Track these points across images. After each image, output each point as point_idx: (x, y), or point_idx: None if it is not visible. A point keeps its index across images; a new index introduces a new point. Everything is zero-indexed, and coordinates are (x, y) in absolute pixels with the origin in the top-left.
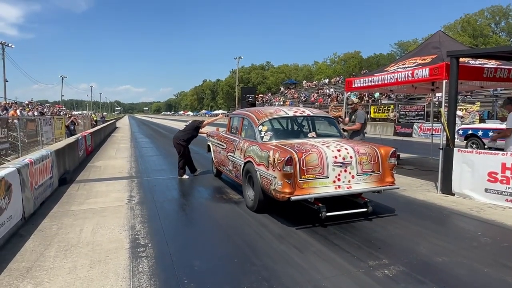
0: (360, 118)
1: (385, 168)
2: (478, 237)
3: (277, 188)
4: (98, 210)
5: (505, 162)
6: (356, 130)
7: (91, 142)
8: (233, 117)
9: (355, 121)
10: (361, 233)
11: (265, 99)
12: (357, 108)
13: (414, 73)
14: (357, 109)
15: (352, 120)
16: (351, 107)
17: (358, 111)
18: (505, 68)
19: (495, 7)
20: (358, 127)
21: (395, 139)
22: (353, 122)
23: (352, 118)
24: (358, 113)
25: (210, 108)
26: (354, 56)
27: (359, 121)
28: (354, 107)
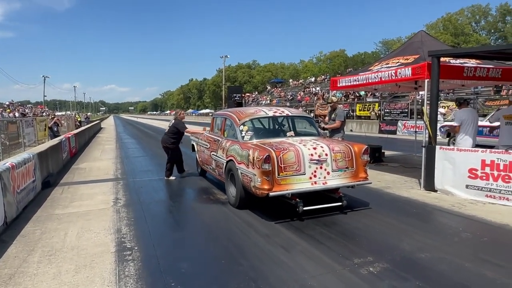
0: (340, 116)
1: (359, 164)
2: (459, 232)
3: (257, 185)
4: (83, 213)
5: (485, 159)
6: (336, 128)
7: (75, 144)
8: (216, 117)
9: (335, 119)
10: (347, 231)
11: (252, 97)
12: (336, 107)
13: (397, 72)
14: (336, 107)
15: (332, 119)
16: (330, 106)
17: (338, 109)
18: (484, 67)
19: (475, 6)
20: (338, 125)
21: (380, 137)
22: (333, 121)
23: (332, 116)
24: (337, 111)
25: (197, 108)
26: (340, 55)
27: (339, 119)
28: (333, 105)
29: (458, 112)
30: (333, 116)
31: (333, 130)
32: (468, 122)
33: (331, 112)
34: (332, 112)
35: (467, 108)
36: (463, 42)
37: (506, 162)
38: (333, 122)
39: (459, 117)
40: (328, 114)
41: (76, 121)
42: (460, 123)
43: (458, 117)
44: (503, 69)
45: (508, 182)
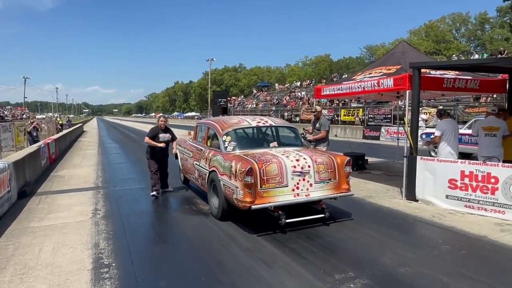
0: (325, 125)
1: (341, 176)
2: (438, 245)
3: (239, 197)
4: (60, 226)
5: (464, 170)
6: (322, 138)
7: (55, 149)
8: (200, 125)
9: (320, 129)
10: (329, 244)
11: (238, 101)
12: (320, 116)
13: (380, 82)
14: (320, 116)
15: (317, 128)
16: (314, 115)
17: (322, 118)
18: (463, 79)
19: (456, 14)
20: (324, 134)
21: (364, 142)
22: (318, 130)
23: (316, 126)
24: (322, 121)
25: (183, 110)
26: (325, 59)
27: (324, 128)
28: (317, 115)
29: (439, 123)
30: (317, 125)
31: (318, 140)
32: (449, 132)
33: (315, 122)
34: (316, 121)
35: (448, 119)
36: (444, 49)
37: (484, 173)
38: (317, 132)
39: (440, 127)
40: (312, 123)
41: (58, 124)
42: (441, 134)
43: (439, 128)
44: (481, 81)
45: (486, 193)
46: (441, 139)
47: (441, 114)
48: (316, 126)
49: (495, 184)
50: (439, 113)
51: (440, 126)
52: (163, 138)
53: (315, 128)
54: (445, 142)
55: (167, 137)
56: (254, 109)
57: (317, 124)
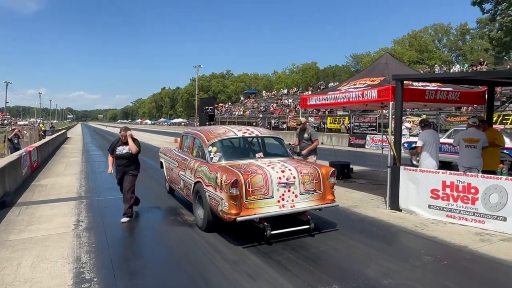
0: (315, 135)
1: (326, 187)
2: (421, 256)
3: (224, 209)
4: (40, 239)
5: (445, 180)
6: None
7: (37, 157)
8: (186, 135)
9: (311, 139)
10: (314, 256)
11: (225, 108)
12: (306, 127)
13: (364, 93)
14: (307, 127)
15: (306, 139)
16: (299, 127)
17: (310, 129)
18: (444, 90)
19: (438, 25)
20: (316, 144)
21: (350, 150)
22: (306, 141)
23: (305, 136)
24: (311, 131)
25: (169, 116)
26: (312, 67)
27: (314, 138)
28: (302, 126)
29: (421, 134)
30: (306, 136)
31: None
32: (431, 143)
33: (301, 133)
34: (302, 132)
35: (430, 130)
36: (427, 58)
37: (465, 184)
38: (307, 143)
39: (422, 138)
40: (298, 135)
41: (40, 130)
42: (423, 144)
43: (421, 138)
44: (461, 92)
45: (467, 203)
46: (423, 149)
47: (425, 125)
48: (304, 136)
49: (475, 194)
50: (423, 124)
51: (422, 137)
52: (120, 151)
53: (302, 139)
54: (427, 153)
55: (126, 150)
56: (241, 116)
57: (305, 134)
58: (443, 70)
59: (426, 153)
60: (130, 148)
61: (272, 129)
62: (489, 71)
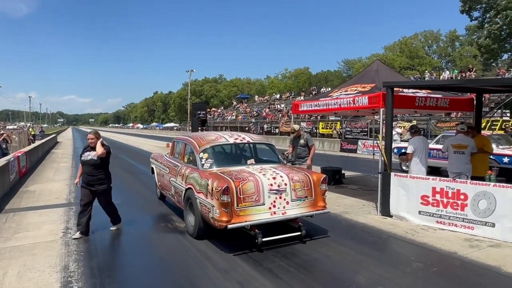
0: (311, 140)
1: (317, 193)
2: (411, 262)
3: (215, 216)
4: (28, 247)
5: (435, 187)
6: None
7: (26, 163)
8: (177, 141)
9: (307, 145)
10: (305, 263)
11: (218, 113)
12: (301, 134)
13: (355, 100)
14: (301, 134)
15: (302, 145)
16: (293, 135)
17: (305, 134)
18: (434, 97)
19: (428, 32)
20: (314, 149)
21: (342, 155)
22: (304, 147)
23: (300, 142)
24: (307, 136)
25: (162, 121)
26: (304, 72)
27: (311, 143)
28: (297, 134)
29: (411, 140)
30: (302, 142)
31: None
32: (421, 150)
33: (295, 140)
34: (297, 139)
35: (420, 136)
36: (417, 64)
37: (454, 190)
38: (302, 149)
39: (412, 144)
40: (292, 142)
41: (30, 135)
42: (413, 151)
43: (411, 145)
44: (450, 99)
45: (456, 209)
46: (413, 156)
47: (415, 131)
48: (300, 142)
49: (464, 200)
50: (414, 130)
51: (412, 143)
52: (86, 157)
53: (298, 145)
54: (417, 159)
55: (91, 156)
56: (234, 121)
57: (301, 140)
58: (433, 76)
59: (416, 160)
60: (97, 153)
61: (264, 134)
62: (477, 79)
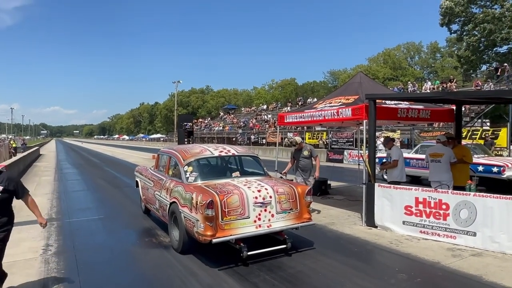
0: (315, 151)
1: (302, 205)
2: (395, 273)
3: (200, 230)
4: (6, 266)
5: (418, 197)
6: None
7: None
8: (162, 154)
9: (312, 156)
10: (290, 276)
11: (204, 124)
12: (303, 146)
13: (339, 112)
14: (303, 146)
15: (306, 157)
16: (295, 148)
17: (308, 145)
18: (415, 109)
19: (410, 43)
20: (319, 160)
21: (328, 166)
22: (308, 159)
23: (304, 154)
24: (311, 148)
25: (148, 132)
26: (290, 83)
27: (315, 154)
28: (298, 147)
29: (395, 149)
30: (306, 153)
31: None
32: (402, 158)
33: (297, 153)
34: (298, 152)
35: (397, 145)
36: (401, 75)
37: (436, 200)
38: (306, 162)
39: (397, 153)
40: (293, 155)
41: (11, 147)
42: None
43: (396, 153)
44: (432, 110)
45: (439, 218)
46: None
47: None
48: (304, 154)
49: (446, 210)
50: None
51: (397, 152)
52: None
53: (300, 158)
54: (400, 167)
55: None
56: (221, 132)
57: (305, 152)
58: (415, 87)
59: (401, 167)
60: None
61: (251, 144)
62: (455, 92)
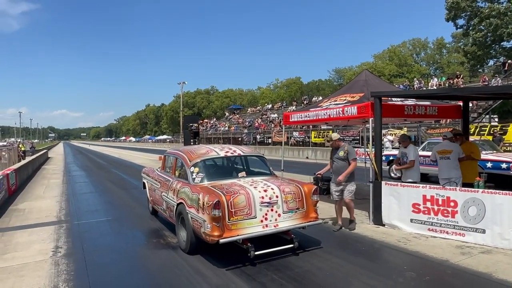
0: (353, 153)
1: (309, 204)
2: (403, 272)
3: (207, 231)
4: (16, 268)
5: (426, 194)
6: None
7: (15, 180)
8: (168, 156)
9: (348, 159)
10: (298, 276)
11: (210, 124)
12: (338, 145)
13: (345, 110)
14: (340, 145)
15: (341, 158)
16: (330, 145)
17: (347, 146)
18: (423, 105)
19: (415, 40)
20: (355, 165)
21: None
22: (343, 160)
23: (339, 155)
24: (349, 148)
25: (154, 133)
26: (295, 82)
27: (352, 157)
28: (333, 144)
29: (412, 148)
30: (341, 154)
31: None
32: (417, 157)
33: (334, 151)
34: (335, 150)
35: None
36: (406, 72)
37: (444, 197)
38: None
39: (414, 153)
40: (331, 153)
41: (20, 151)
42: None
43: (414, 153)
44: (439, 107)
45: (447, 216)
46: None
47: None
48: (339, 155)
49: (454, 207)
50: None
51: (414, 151)
52: None
53: (334, 158)
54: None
55: None
56: (226, 132)
57: (340, 152)
58: (422, 83)
59: (416, 167)
60: None
61: (257, 144)
62: (462, 88)
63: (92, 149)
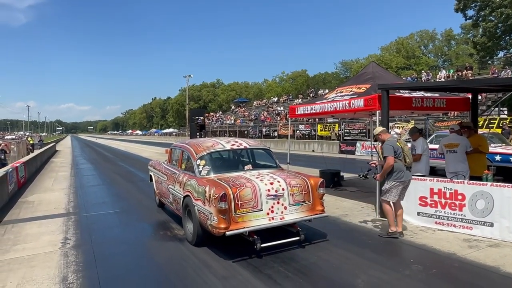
0: (387, 149)
1: (315, 197)
2: (410, 264)
3: (213, 223)
4: (27, 259)
5: (433, 188)
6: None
7: (24, 173)
8: (174, 149)
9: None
10: (304, 268)
11: (216, 117)
12: (384, 138)
13: (351, 103)
14: (384, 140)
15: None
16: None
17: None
18: (431, 98)
19: (423, 31)
20: (389, 163)
21: (340, 157)
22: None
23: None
24: (384, 146)
25: (160, 127)
26: (302, 75)
27: (386, 153)
28: (376, 138)
29: (421, 141)
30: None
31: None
32: (427, 151)
33: None
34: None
35: (422, 137)
36: (414, 64)
37: (452, 191)
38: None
39: (423, 146)
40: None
41: (28, 144)
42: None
43: (422, 146)
44: (447, 99)
45: (454, 209)
46: (422, 156)
47: (420, 133)
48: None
49: (462, 200)
50: (418, 132)
51: (423, 144)
52: None
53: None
54: (425, 161)
55: None
56: (232, 125)
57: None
58: (430, 75)
59: (425, 161)
60: None
61: (263, 137)
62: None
63: (99, 142)
